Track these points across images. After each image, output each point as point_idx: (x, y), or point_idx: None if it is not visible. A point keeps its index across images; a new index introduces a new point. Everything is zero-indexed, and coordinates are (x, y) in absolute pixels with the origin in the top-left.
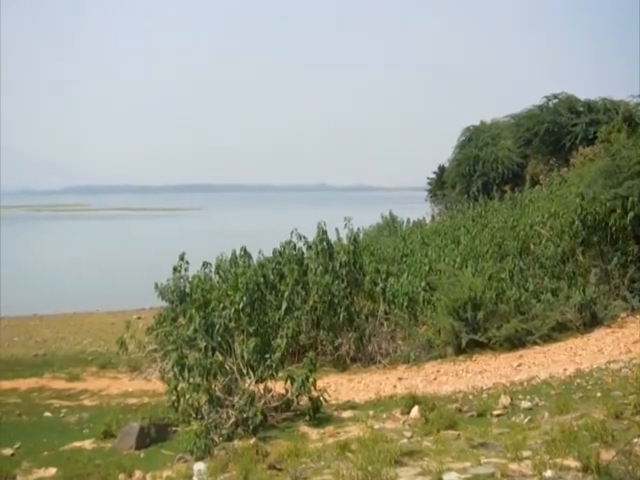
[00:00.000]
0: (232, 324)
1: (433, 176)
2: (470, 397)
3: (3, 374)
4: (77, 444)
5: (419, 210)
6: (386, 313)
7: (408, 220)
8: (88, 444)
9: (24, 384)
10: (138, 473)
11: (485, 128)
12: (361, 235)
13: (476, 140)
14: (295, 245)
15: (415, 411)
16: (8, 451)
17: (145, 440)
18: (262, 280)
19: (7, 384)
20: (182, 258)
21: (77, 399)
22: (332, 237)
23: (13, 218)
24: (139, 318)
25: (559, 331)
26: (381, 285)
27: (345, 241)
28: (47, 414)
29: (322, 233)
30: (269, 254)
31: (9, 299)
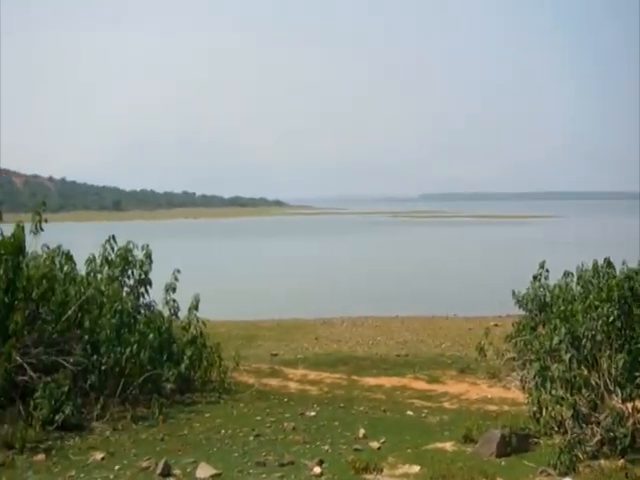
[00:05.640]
0: (599, 337)
1: None
2: None
3: (369, 371)
4: (438, 445)
5: None
6: None
7: None
8: (449, 446)
9: (388, 382)
10: None
11: None
12: None
13: None
14: None
15: None
16: (375, 444)
17: (506, 449)
18: (629, 293)
19: (373, 381)
20: (542, 266)
21: (437, 401)
22: None
23: (377, 223)
24: (496, 325)
25: None
26: None
27: None
28: (409, 413)
29: None
30: (634, 265)
31: (372, 300)
